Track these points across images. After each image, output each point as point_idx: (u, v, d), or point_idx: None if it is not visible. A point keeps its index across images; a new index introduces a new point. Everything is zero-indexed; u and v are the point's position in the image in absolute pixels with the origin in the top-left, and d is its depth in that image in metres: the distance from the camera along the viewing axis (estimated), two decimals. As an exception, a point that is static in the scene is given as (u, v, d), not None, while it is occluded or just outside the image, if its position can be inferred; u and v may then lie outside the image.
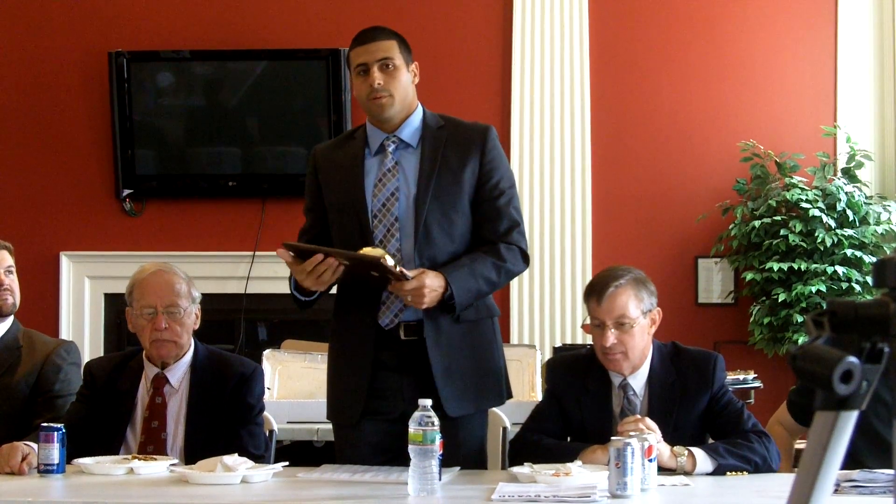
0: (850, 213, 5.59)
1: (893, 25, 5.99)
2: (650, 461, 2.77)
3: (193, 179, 6.16)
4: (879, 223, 5.65)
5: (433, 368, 3.13)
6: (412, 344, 3.17)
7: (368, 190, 3.21)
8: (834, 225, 5.54)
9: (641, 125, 6.08)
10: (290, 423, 4.35)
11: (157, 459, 3.12)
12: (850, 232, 5.56)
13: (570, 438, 3.22)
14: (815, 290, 5.45)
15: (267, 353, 4.82)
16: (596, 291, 3.16)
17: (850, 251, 5.54)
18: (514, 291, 5.97)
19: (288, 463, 3.09)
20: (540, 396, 4.47)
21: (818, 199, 5.60)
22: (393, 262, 2.98)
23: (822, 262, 5.55)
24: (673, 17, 6.09)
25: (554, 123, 6.04)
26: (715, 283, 6.02)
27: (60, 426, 3.04)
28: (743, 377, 4.90)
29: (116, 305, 5.90)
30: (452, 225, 3.21)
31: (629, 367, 3.17)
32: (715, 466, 3.00)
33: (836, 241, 5.53)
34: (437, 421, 2.72)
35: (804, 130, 5.98)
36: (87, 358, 4.26)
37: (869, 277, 5.40)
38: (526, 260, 3.26)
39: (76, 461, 3.09)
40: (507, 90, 6.09)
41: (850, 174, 5.73)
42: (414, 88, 3.28)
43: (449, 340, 3.17)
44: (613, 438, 2.70)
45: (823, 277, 5.50)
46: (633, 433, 2.82)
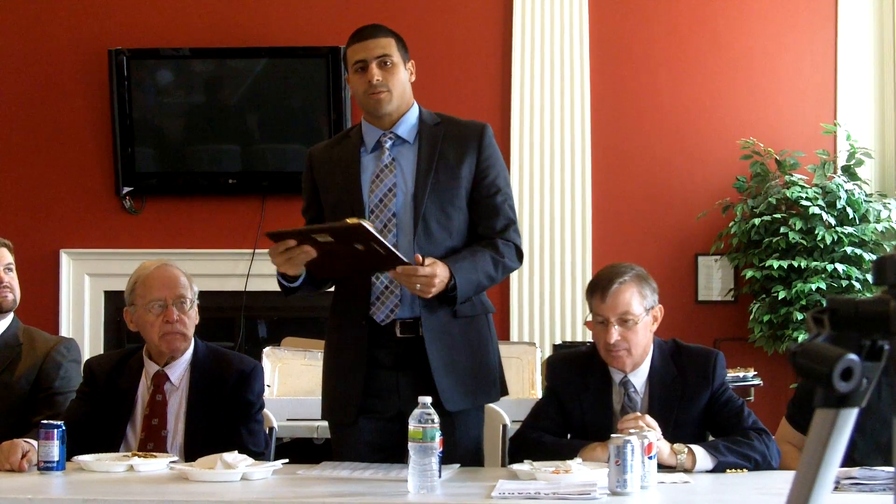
0: (850, 210, 5.59)
1: (893, 24, 5.98)
2: (650, 458, 2.76)
3: (193, 177, 6.16)
4: (879, 221, 5.64)
5: (431, 364, 3.13)
6: (408, 342, 3.17)
7: (365, 186, 3.22)
8: (834, 222, 5.54)
9: (641, 123, 6.08)
10: (289, 420, 4.35)
11: (157, 457, 3.12)
12: (850, 229, 5.56)
13: (570, 436, 3.22)
14: (815, 287, 5.45)
15: (267, 350, 4.82)
16: (599, 288, 3.16)
17: (850, 249, 5.54)
18: (513, 289, 5.97)
19: (288, 460, 3.09)
20: (540, 394, 4.47)
21: (818, 196, 5.60)
22: (373, 228, 2.95)
23: (822, 259, 5.55)
24: (673, 15, 6.09)
25: (554, 121, 6.04)
26: (715, 280, 6.02)
27: (60, 423, 3.04)
28: (743, 375, 4.90)
29: (116, 303, 5.89)
30: (450, 220, 3.21)
31: (631, 363, 3.17)
32: (715, 464, 2.99)
33: (836, 238, 5.53)
34: (437, 418, 2.72)
35: (804, 128, 5.98)
36: (86, 355, 4.26)
37: (869, 275, 5.40)
38: (521, 257, 3.28)
39: (76, 458, 3.10)
40: (506, 88, 6.08)
41: (850, 172, 5.73)
42: (410, 86, 3.28)
43: (447, 336, 3.17)
44: (613, 436, 2.70)
45: (823, 275, 5.49)
46: (633, 430, 2.82)
